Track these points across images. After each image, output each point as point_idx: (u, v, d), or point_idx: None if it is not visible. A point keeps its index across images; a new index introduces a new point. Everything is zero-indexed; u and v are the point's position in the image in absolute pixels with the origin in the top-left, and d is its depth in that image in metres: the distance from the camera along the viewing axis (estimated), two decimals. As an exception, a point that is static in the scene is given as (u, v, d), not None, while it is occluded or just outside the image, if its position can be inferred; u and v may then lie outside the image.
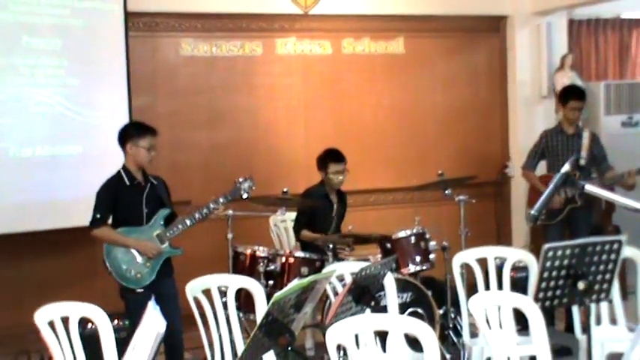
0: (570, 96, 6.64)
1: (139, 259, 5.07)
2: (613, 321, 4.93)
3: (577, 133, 6.60)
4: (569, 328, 5.67)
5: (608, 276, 3.95)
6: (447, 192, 6.20)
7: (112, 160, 5.35)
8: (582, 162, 6.33)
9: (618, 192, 5.85)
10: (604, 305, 4.84)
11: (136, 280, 5.05)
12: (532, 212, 4.01)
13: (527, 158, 6.77)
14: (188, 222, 5.15)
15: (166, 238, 5.12)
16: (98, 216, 5.05)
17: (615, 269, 3.97)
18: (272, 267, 5.74)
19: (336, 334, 3.29)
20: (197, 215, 5.16)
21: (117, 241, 5.06)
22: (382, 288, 4.59)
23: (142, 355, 2.47)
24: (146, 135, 5.11)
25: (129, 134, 5.15)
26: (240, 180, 5.37)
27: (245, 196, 5.38)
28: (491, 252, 5.07)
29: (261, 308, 4.29)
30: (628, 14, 9.16)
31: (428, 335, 3.25)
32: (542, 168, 6.96)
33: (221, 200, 5.26)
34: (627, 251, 4.46)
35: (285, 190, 6.06)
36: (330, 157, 6.17)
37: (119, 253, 5.06)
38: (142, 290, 5.01)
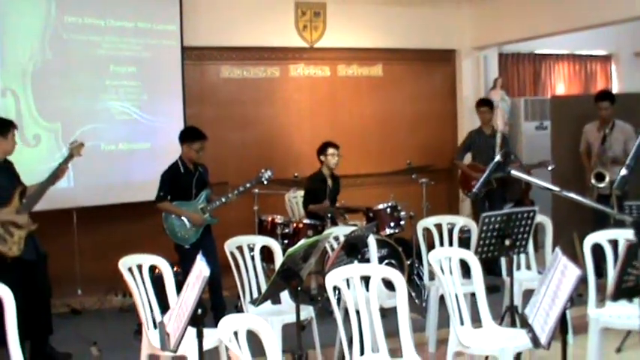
0: (483, 104, 6.82)
1: (188, 224, 5.07)
2: (528, 267, 4.98)
3: (493, 135, 6.67)
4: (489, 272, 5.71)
5: (525, 235, 3.98)
6: (413, 176, 6.22)
7: (171, 153, 5.33)
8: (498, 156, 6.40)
9: (534, 175, 5.84)
10: (522, 256, 4.88)
11: (184, 239, 5.07)
12: (474, 190, 4.00)
13: (457, 152, 6.83)
14: (224, 199, 5.15)
15: (208, 210, 5.13)
16: (162, 194, 5.07)
17: (530, 231, 4.00)
18: (287, 230, 5.75)
19: (333, 278, 3.30)
20: (230, 195, 5.16)
21: (175, 212, 5.07)
22: (366, 245, 4.61)
23: (193, 292, 2.47)
24: (198, 140, 5.09)
25: (187, 137, 5.14)
26: (262, 170, 5.33)
27: (265, 182, 5.34)
28: (444, 219, 5.07)
29: (279, 260, 4.30)
30: (540, 51, 9.27)
31: (399, 279, 3.27)
32: (467, 159, 7.07)
33: (247, 185, 5.25)
34: (539, 218, 4.48)
35: (296, 174, 6.06)
36: (328, 144, 6.09)
37: (173, 220, 5.07)
38: (190, 247, 5.02)
